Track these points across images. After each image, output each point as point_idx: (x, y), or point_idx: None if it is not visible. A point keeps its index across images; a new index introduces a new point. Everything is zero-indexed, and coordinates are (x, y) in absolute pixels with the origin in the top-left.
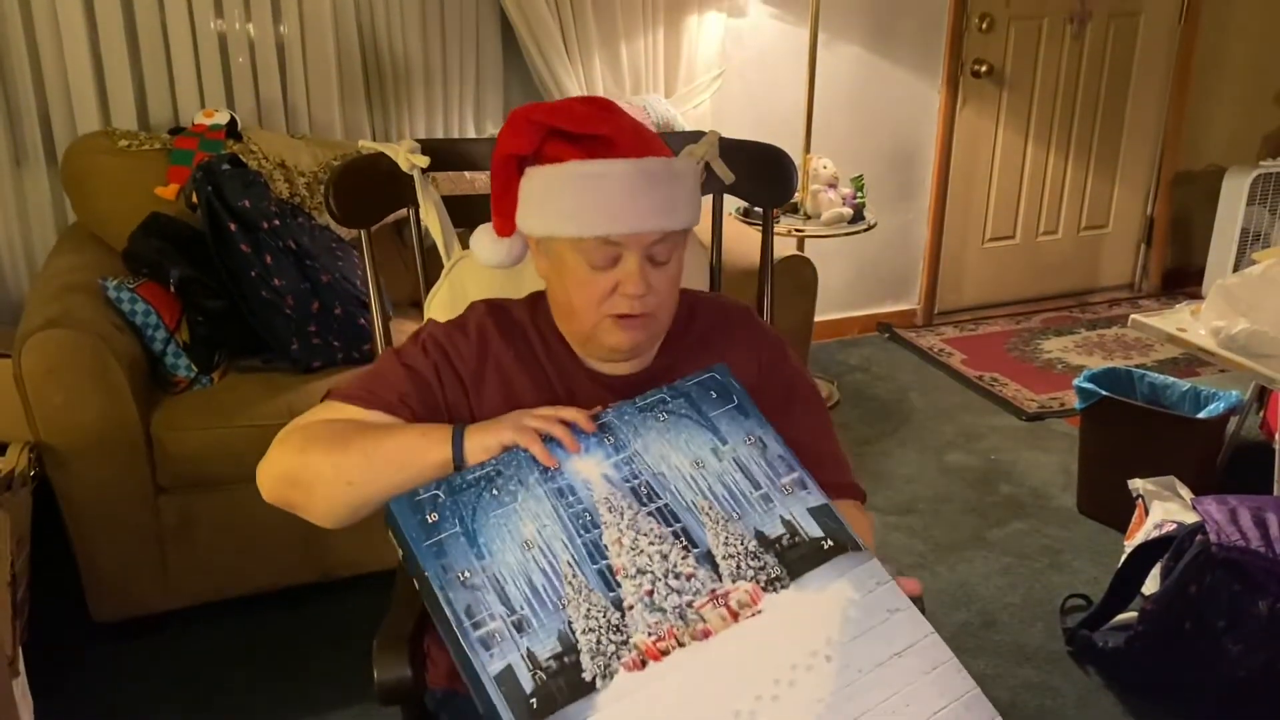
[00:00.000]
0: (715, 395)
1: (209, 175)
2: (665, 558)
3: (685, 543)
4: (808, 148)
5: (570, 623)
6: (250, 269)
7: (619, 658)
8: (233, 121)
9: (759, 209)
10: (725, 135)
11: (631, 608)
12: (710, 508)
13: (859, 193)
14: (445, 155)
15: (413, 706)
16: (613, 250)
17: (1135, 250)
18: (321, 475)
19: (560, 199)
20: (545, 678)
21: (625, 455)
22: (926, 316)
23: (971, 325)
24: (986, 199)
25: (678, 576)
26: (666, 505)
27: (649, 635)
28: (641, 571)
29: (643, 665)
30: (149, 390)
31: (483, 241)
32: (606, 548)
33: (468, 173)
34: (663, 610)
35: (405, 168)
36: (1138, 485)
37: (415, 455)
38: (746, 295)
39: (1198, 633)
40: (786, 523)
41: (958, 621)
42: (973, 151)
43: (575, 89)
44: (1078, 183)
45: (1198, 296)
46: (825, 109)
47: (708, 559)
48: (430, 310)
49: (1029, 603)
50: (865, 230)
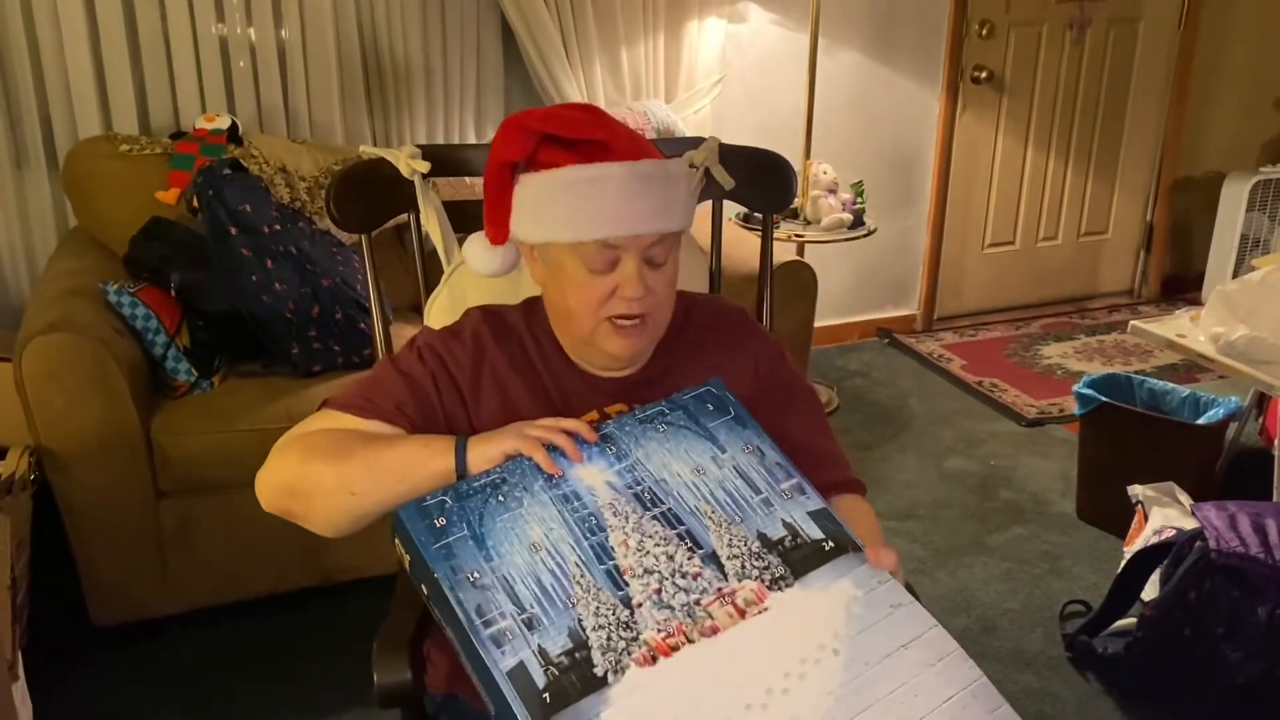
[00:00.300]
0: (712, 407)
1: (210, 180)
2: (671, 558)
3: (690, 544)
4: (808, 153)
5: (580, 620)
6: (251, 273)
7: (630, 653)
8: (234, 126)
9: (759, 214)
10: (725, 141)
11: (640, 605)
12: (713, 512)
13: (859, 198)
14: (446, 160)
15: (413, 710)
16: (611, 254)
17: (1135, 256)
18: (323, 485)
19: (557, 204)
20: (557, 673)
21: (628, 463)
22: (926, 322)
23: (971, 331)
24: (986, 205)
25: (684, 576)
26: (670, 509)
27: (659, 632)
28: (649, 571)
29: (654, 661)
30: (149, 394)
31: (476, 250)
32: (613, 549)
33: (468, 178)
34: (671, 608)
35: (406, 173)
36: (1137, 491)
37: (418, 466)
38: (746, 300)
39: (1197, 639)
40: (788, 525)
41: (957, 627)
42: (972, 157)
43: (576, 94)
44: (1077, 188)
45: (1197, 303)
46: (825, 114)
47: (713, 559)
48: (430, 315)
49: (1028, 608)
50: (865, 236)
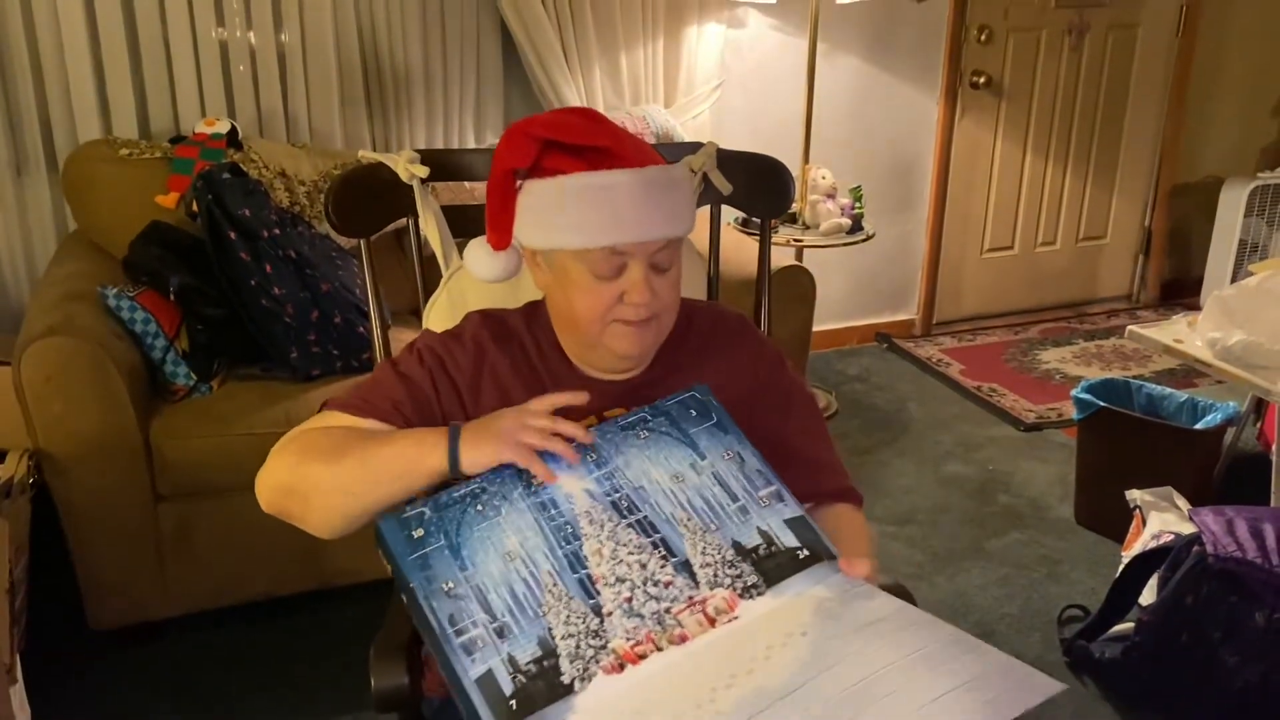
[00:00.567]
0: (695, 413)
1: (209, 184)
2: (644, 566)
3: (664, 552)
4: (806, 158)
5: (550, 629)
6: (250, 277)
7: (597, 661)
8: (233, 130)
9: (757, 219)
10: (725, 146)
11: (610, 614)
12: (688, 519)
13: (857, 203)
14: (444, 165)
15: (409, 714)
16: (618, 260)
17: (1133, 261)
18: (319, 485)
19: (565, 211)
20: (525, 681)
21: (607, 471)
22: (925, 327)
23: (970, 336)
24: (985, 210)
25: (656, 584)
26: (646, 517)
27: (627, 640)
28: (620, 580)
29: (621, 669)
30: (148, 398)
31: (478, 256)
32: (586, 558)
33: (467, 183)
34: (641, 616)
35: (405, 178)
36: (1135, 496)
37: (411, 463)
38: (744, 305)
39: (1194, 644)
40: (763, 533)
41: None
42: (971, 162)
43: (575, 99)
44: (1076, 194)
45: (1196, 308)
46: (824, 120)
47: (685, 568)
48: (429, 319)
49: (1026, 613)
50: (864, 240)
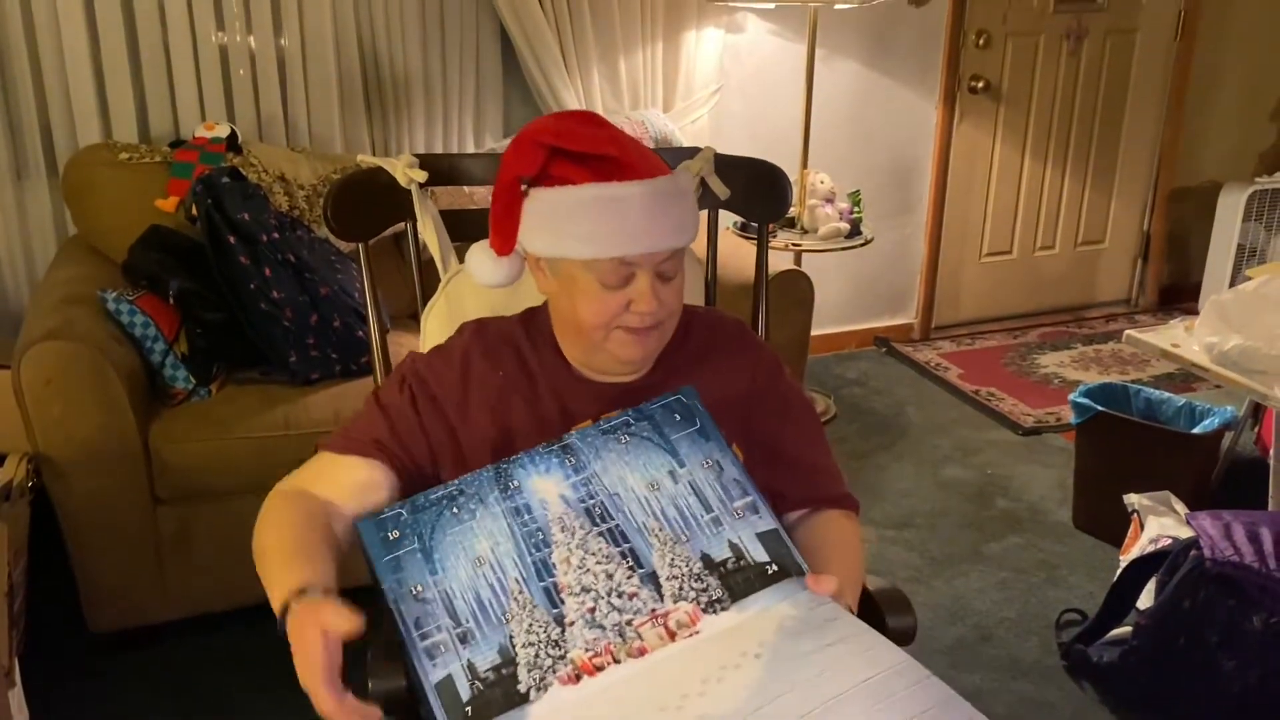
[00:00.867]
0: (679, 418)
1: (209, 188)
2: (610, 577)
3: (631, 563)
4: (805, 162)
5: (511, 636)
6: (249, 281)
7: (554, 671)
8: (233, 135)
9: (755, 224)
10: (723, 150)
11: (572, 624)
12: (660, 529)
13: (856, 207)
14: (443, 170)
15: (407, 716)
16: (626, 270)
17: (1132, 266)
18: (255, 556)
19: (575, 221)
20: (483, 688)
21: (584, 476)
22: (923, 331)
23: (968, 340)
24: (984, 214)
25: (620, 595)
26: (617, 526)
27: (586, 651)
28: (586, 590)
29: (577, 679)
30: (147, 402)
31: (480, 261)
32: (555, 566)
33: (466, 187)
34: (602, 628)
35: (403, 182)
36: (1133, 500)
37: (266, 585)
38: (743, 310)
39: (1192, 648)
40: (733, 546)
41: (953, 636)
42: (970, 167)
43: (574, 103)
44: (1075, 198)
45: (1194, 312)
46: (823, 124)
47: (652, 579)
48: (427, 323)
49: (1024, 617)
50: (862, 245)
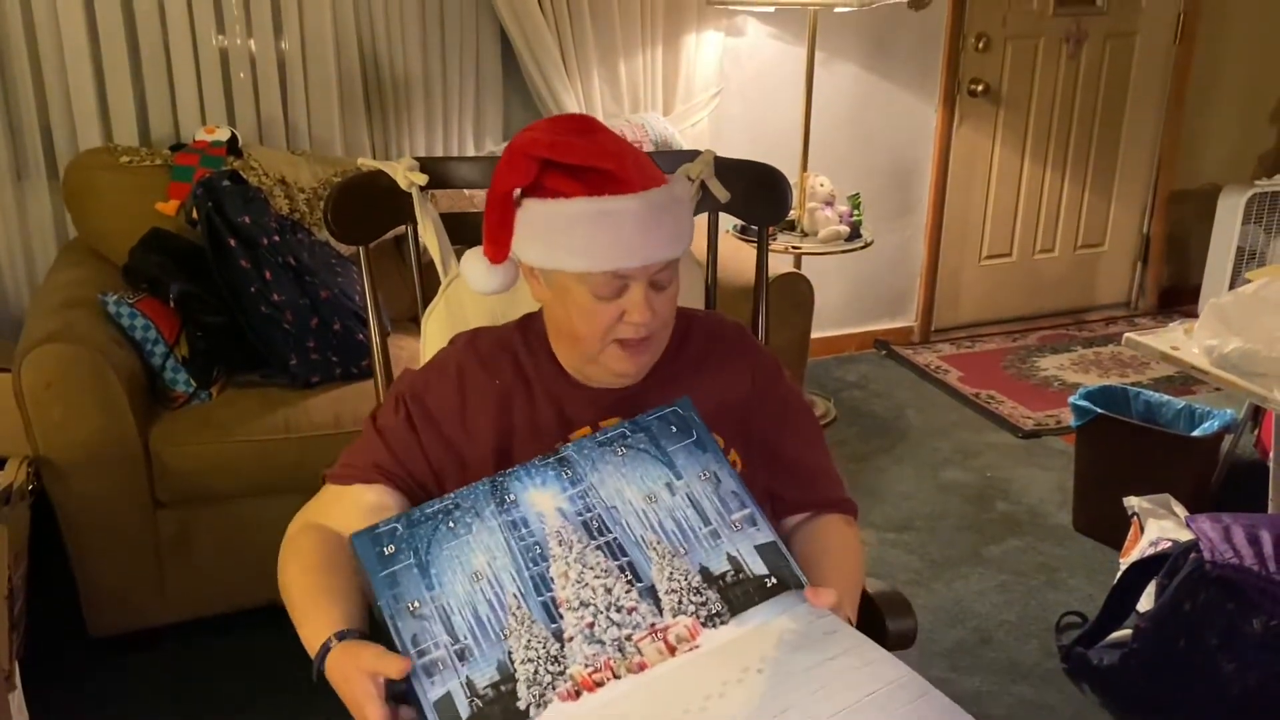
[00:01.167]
0: (676, 430)
1: (209, 191)
2: (609, 591)
3: (630, 577)
4: (805, 165)
5: (510, 653)
6: (250, 285)
7: (554, 688)
8: (234, 138)
9: (755, 227)
10: (723, 153)
11: (571, 639)
12: (658, 542)
13: (856, 210)
14: (443, 173)
15: None
16: (619, 282)
17: (1131, 268)
18: (283, 594)
19: (568, 235)
20: (481, 705)
21: (581, 489)
22: (923, 334)
23: (968, 343)
24: (983, 217)
25: (619, 610)
26: (615, 539)
27: (585, 667)
28: (584, 604)
29: (577, 696)
30: (148, 405)
31: (474, 268)
32: (553, 580)
33: (466, 190)
34: (602, 643)
35: (404, 185)
36: (1133, 503)
37: (296, 625)
38: (742, 313)
39: (1192, 650)
40: (732, 559)
41: (953, 639)
42: (969, 170)
43: (574, 106)
44: (1074, 201)
45: (1194, 315)
46: (822, 127)
47: (650, 593)
48: (427, 326)
49: (1024, 620)
50: (862, 248)
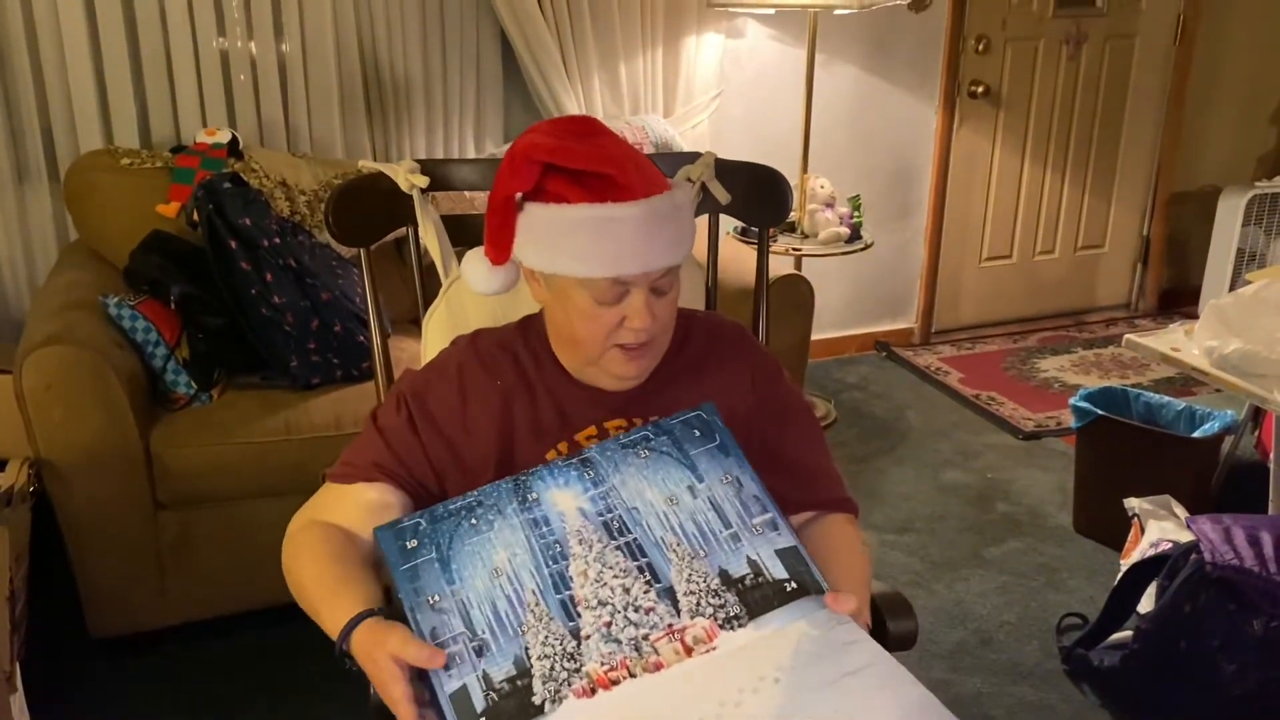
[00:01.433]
0: (699, 433)
1: (210, 193)
2: (628, 591)
3: (649, 577)
4: (805, 167)
5: (527, 648)
6: (250, 286)
7: (570, 684)
8: (234, 140)
9: (756, 228)
10: (724, 155)
11: (588, 637)
12: (678, 544)
13: (856, 212)
14: (444, 175)
15: None
16: (620, 288)
17: (1132, 270)
18: (297, 594)
19: (569, 240)
20: (497, 699)
21: (603, 489)
22: (924, 335)
23: (968, 344)
24: (983, 219)
25: (637, 610)
26: (635, 540)
27: (602, 665)
28: (603, 603)
29: (592, 693)
30: (148, 407)
31: (475, 269)
32: (572, 579)
33: (467, 192)
34: (618, 641)
35: (405, 187)
36: (1133, 504)
37: (318, 617)
38: (743, 314)
39: (1192, 652)
40: (752, 563)
41: (954, 640)
42: (970, 171)
43: (575, 109)
44: (1074, 203)
45: (1194, 316)
46: (823, 129)
47: (669, 594)
48: (428, 328)
49: (1025, 621)
50: (862, 249)
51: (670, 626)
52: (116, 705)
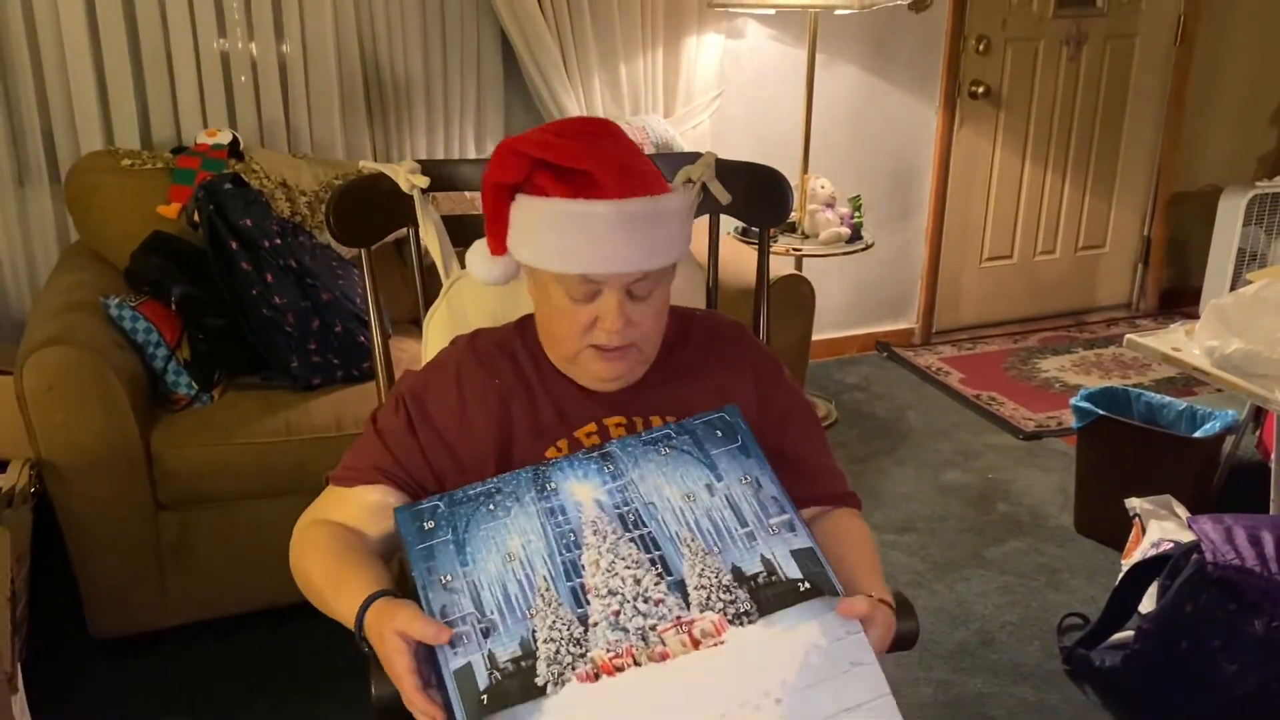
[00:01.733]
0: (721, 434)
1: (211, 194)
2: (638, 582)
3: (660, 570)
4: (805, 167)
5: (534, 631)
6: (251, 287)
7: (574, 668)
8: (235, 141)
9: (756, 229)
10: (724, 155)
11: (596, 625)
12: (692, 540)
13: (857, 212)
14: (445, 176)
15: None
16: (591, 287)
17: (1132, 270)
18: (307, 590)
19: (544, 234)
20: (500, 678)
21: (621, 483)
22: (924, 336)
23: (969, 344)
24: (984, 219)
25: (646, 600)
26: (650, 533)
27: (607, 652)
28: (612, 593)
29: (595, 678)
30: (149, 408)
31: (477, 258)
32: (584, 567)
33: (467, 193)
34: (625, 630)
35: (405, 188)
36: (1135, 504)
37: (327, 607)
38: (743, 314)
39: (1194, 652)
40: (766, 561)
41: (955, 640)
42: (970, 172)
43: (575, 109)
44: (1075, 203)
45: (1195, 316)
46: (823, 129)
47: (679, 587)
48: (429, 328)
49: (1026, 621)
50: (863, 250)
51: (679, 619)
52: (117, 705)
